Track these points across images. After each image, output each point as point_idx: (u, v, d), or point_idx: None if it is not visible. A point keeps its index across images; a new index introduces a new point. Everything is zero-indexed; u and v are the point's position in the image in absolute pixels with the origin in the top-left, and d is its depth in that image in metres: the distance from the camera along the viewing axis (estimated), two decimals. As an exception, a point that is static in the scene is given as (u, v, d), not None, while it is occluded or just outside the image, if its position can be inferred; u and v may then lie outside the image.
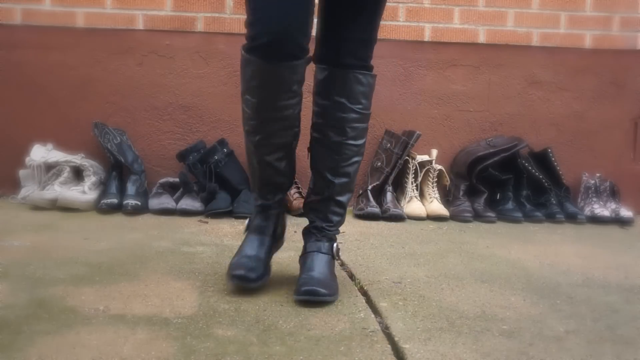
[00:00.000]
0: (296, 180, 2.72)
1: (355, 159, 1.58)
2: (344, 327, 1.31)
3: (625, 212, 2.75)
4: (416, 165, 2.75)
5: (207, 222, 2.41)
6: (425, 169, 2.77)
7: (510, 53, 2.95)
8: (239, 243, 1.57)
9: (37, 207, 2.52)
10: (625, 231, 2.62)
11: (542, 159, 2.87)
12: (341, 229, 1.66)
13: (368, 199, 2.65)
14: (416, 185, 2.76)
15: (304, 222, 1.65)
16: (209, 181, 2.61)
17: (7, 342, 1.17)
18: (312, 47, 1.55)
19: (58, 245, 1.93)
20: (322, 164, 1.58)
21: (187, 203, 2.56)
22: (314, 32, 1.49)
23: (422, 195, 2.78)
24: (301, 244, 1.70)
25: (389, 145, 2.75)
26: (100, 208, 2.50)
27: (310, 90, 1.61)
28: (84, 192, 2.55)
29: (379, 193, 2.73)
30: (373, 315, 1.39)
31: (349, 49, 1.52)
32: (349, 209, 2.83)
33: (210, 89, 2.84)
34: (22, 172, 2.69)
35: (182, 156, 2.71)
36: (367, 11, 1.53)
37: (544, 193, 2.82)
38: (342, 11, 1.52)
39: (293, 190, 2.69)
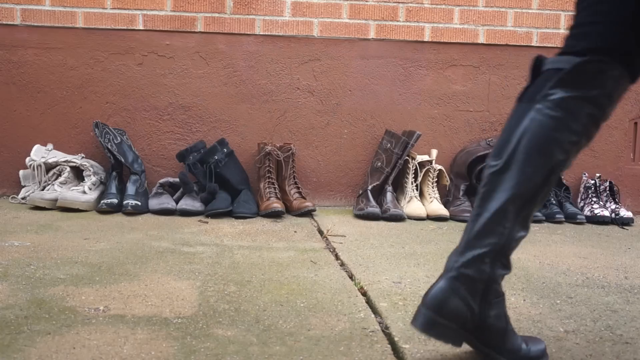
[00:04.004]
0: (296, 180, 2.73)
1: None
2: (344, 327, 1.30)
3: (625, 212, 2.75)
4: (416, 165, 2.75)
5: (207, 222, 2.41)
6: (425, 169, 2.77)
7: (510, 53, 2.95)
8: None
9: (37, 207, 2.52)
10: (625, 231, 2.61)
11: (542, 159, 2.87)
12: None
13: (368, 199, 2.65)
14: (416, 185, 2.76)
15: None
16: (209, 181, 2.61)
17: (7, 342, 1.17)
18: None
19: (58, 245, 1.93)
20: None
21: (187, 203, 2.56)
22: None
23: (422, 195, 2.78)
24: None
25: (389, 145, 2.75)
26: (100, 208, 2.50)
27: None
28: (84, 192, 2.56)
29: (379, 193, 2.73)
30: (373, 315, 1.39)
31: None
32: (349, 209, 2.85)
33: (210, 89, 2.84)
34: (22, 172, 2.70)
35: (182, 156, 2.71)
36: None
37: (543, 193, 2.81)
38: None
39: (293, 190, 2.68)
